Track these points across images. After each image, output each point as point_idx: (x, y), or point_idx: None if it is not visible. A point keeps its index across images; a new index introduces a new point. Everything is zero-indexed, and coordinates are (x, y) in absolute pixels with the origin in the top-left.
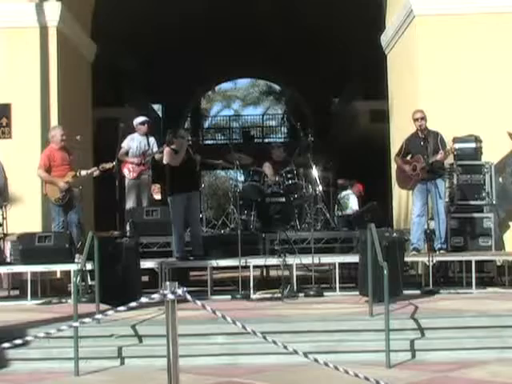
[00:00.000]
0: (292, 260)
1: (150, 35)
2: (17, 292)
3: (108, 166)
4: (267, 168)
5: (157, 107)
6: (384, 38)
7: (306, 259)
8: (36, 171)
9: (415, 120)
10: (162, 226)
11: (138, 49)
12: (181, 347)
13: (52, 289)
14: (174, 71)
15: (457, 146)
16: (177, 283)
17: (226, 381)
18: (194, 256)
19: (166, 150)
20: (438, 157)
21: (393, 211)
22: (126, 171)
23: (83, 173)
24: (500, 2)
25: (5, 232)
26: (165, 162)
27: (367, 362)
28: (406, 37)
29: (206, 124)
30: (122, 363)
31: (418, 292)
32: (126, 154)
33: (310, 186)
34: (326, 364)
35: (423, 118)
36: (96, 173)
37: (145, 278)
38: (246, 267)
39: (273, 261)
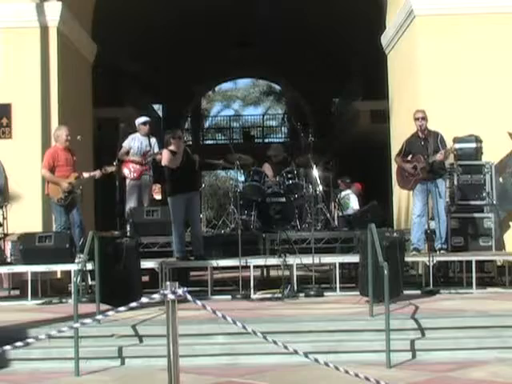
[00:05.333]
0: (292, 260)
1: (151, 35)
2: (17, 292)
3: (110, 169)
4: (267, 169)
5: (157, 107)
6: (384, 38)
7: (307, 259)
8: (40, 170)
9: (416, 119)
10: (162, 226)
11: (138, 49)
12: (181, 347)
13: (52, 289)
14: (173, 71)
15: (457, 145)
16: (177, 283)
17: (226, 381)
18: (194, 256)
19: (164, 151)
20: (438, 156)
21: (393, 211)
22: (126, 171)
23: (85, 175)
24: (500, 2)
25: (5, 232)
26: (163, 163)
27: (367, 362)
28: (407, 37)
29: (207, 124)
30: (123, 363)
31: (418, 292)
32: (127, 153)
33: (310, 186)
34: (326, 364)
35: (424, 118)
36: (98, 175)
37: (145, 278)
38: (247, 267)
39: (273, 261)
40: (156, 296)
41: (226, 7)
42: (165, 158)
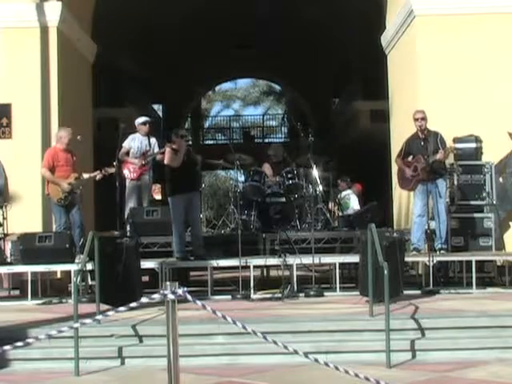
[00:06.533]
0: (292, 260)
1: (150, 35)
2: (17, 292)
3: (111, 170)
4: (267, 168)
5: (157, 107)
6: (384, 38)
7: (307, 259)
8: (40, 170)
9: (415, 120)
10: (162, 226)
11: (138, 49)
12: (181, 347)
13: (52, 289)
14: (174, 71)
15: (457, 145)
16: (177, 283)
17: (226, 381)
18: (194, 256)
19: (167, 150)
20: (438, 156)
21: (393, 211)
22: (126, 171)
23: (85, 176)
24: (501, 2)
25: (5, 232)
26: (166, 162)
27: (367, 362)
28: (407, 37)
29: (207, 124)
30: (123, 363)
31: (418, 292)
32: (127, 153)
33: (310, 186)
34: (326, 364)
35: (423, 119)
36: (99, 176)
37: (145, 278)
38: (247, 267)
39: (273, 261)
40: (156, 296)
41: (226, 7)
42: (167, 157)
